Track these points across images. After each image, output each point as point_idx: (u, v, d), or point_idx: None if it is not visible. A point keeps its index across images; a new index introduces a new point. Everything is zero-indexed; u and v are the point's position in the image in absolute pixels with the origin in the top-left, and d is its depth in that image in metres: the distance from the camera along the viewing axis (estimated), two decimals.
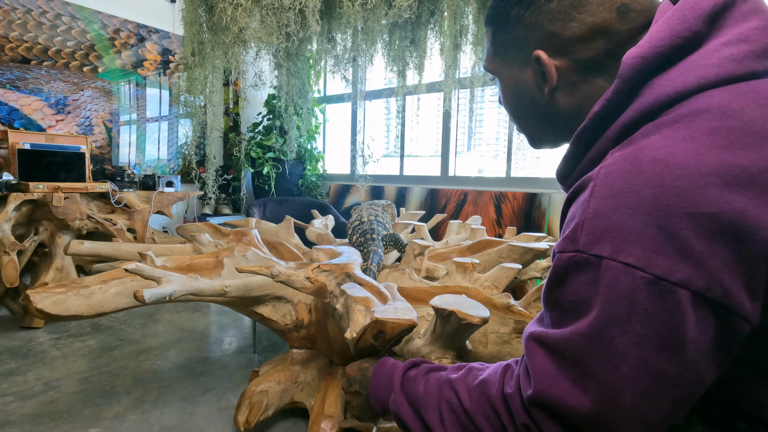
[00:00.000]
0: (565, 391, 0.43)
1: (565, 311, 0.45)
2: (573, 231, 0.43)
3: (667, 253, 0.38)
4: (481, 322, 0.81)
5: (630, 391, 0.40)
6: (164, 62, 3.00)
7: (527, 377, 0.47)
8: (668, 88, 0.43)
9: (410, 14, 1.65)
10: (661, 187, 0.39)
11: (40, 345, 1.81)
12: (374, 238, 1.48)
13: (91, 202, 2.20)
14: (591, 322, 0.41)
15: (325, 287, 1.00)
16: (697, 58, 0.44)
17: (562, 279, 0.44)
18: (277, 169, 3.08)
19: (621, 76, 0.45)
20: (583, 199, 0.44)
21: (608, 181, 0.42)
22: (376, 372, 0.69)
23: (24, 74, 2.36)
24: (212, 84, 2.07)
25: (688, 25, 0.44)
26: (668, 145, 0.41)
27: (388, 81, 2.32)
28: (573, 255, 0.43)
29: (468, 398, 0.53)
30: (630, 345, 0.39)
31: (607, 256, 0.40)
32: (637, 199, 0.39)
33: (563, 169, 0.56)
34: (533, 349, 0.47)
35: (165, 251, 1.45)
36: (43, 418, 1.27)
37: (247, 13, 1.67)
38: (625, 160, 0.42)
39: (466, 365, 0.60)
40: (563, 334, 0.44)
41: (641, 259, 0.38)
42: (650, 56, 0.44)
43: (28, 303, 0.96)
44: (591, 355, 0.41)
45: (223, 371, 1.59)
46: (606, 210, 0.41)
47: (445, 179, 2.81)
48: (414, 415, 0.60)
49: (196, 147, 2.68)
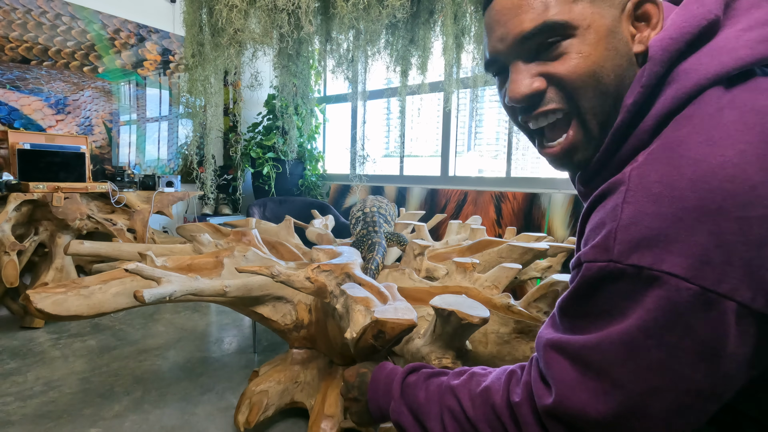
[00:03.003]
0: (587, 401, 0.40)
1: (590, 318, 0.42)
2: (604, 239, 0.40)
3: (715, 262, 0.35)
4: (481, 322, 0.81)
5: (659, 404, 0.38)
6: (164, 62, 3.00)
7: (544, 386, 0.45)
8: (705, 72, 0.41)
9: (403, 14, 1.65)
10: (708, 190, 0.35)
11: (40, 345, 1.81)
12: (377, 231, 1.48)
13: (91, 202, 2.20)
14: (625, 331, 0.38)
15: (325, 287, 1.00)
16: (722, 42, 0.42)
17: (593, 290, 0.41)
18: (277, 169, 3.08)
19: (653, 58, 0.42)
20: (614, 205, 0.41)
21: (644, 185, 0.39)
22: (374, 378, 0.67)
23: (24, 74, 2.36)
24: (212, 85, 2.07)
25: (708, 8, 0.43)
26: (705, 142, 0.38)
27: (388, 81, 2.32)
28: (605, 265, 0.39)
29: (471, 406, 0.51)
30: (665, 358, 0.37)
31: (647, 266, 0.37)
32: (680, 205, 0.36)
33: (590, 171, 0.50)
34: (552, 357, 0.44)
35: (165, 251, 1.45)
36: (43, 418, 1.27)
37: (242, 15, 1.67)
38: (659, 161, 0.39)
39: (467, 370, 0.58)
40: (588, 340, 0.41)
41: (687, 268, 0.35)
42: (678, 38, 0.42)
43: (28, 303, 0.96)
44: (620, 365, 0.39)
45: (223, 371, 1.59)
46: (644, 216, 0.38)
47: (445, 179, 2.81)
48: (415, 423, 0.58)
49: (196, 147, 2.69)
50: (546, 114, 0.49)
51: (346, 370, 0.75)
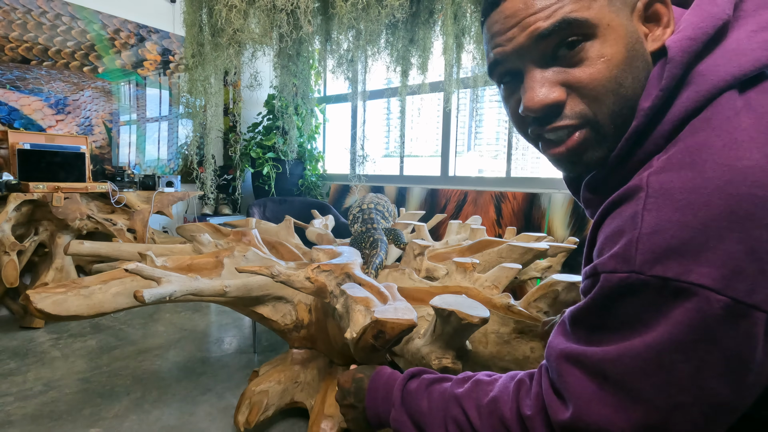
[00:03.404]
0: (607, 415, 0.39)
1: (610, 331, 0.40)
2: (625, 249, 0.38)
3: (747, 272, 0.33)
4: (481, 322, 0.81)
5: (683, 418, 0.37)
6: (164, 62, 3.00)
7: (558, 400, 0.43)
8: (724, 74, 0.40)
9: (402, 14, 1.65)
10: (736, 196, 0.34)
11: (40, 345, 1.81)
12: (376, 228, 1.48)
13: (91, 202, 2.20)
14: (649, 344, 0.37)
15: (325, 287, 1.00)
16: (734, 44, 0.41)
17: (613, 302, 0.39)
18: (277, 169, 3.08)
19: (672, 60, 0.41)
20: (632, 213, 0.39)
21: (665, 192, 0.37)
22: (372, 384, 0.64)
23: (24, 74, 2.36)
24: (212, 85, 2.07)
25: (722, 8, 0.42)
26: (728, 146, 0.36)
27: (388, 81, 2.32)
28: (627, 276, 0.38)
29: (477, 416, 0.49)
30: (693, 372, 0.36)
31: (674, 277, 0.35)
32: (707, 212, 0.35)
33: (598, 177, 0.48)
34: (567, 369, 0.42)
35: (165, 251, 1.45)
36: (43, 418, 1.27)
37: (242, 15, 1.68)
38: (680, 166, 0.38)
39: (471, 376, 0.55)
40: (607, 353, 0.39)
41: (717, 279, 0.34)
42: (697, 38, 0.41)
43: (28, 303, 0.96)
44: (643, 380, 0.37)
45: (223, 371, 1.59)
46: (667, 225, 0.36)
47: (445, 179, 2.81)
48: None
49: (197, 147, 2.69)
50: (566, 128, 0.46)
51: (340, 375, 0.72)
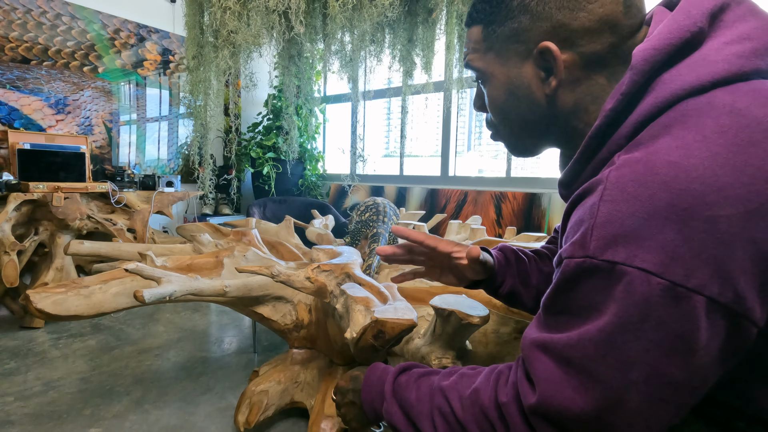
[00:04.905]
0: (569, 398, 0.42)
1: (571, 315, 0.44)
2: (582, 236, 0.42)
3: (684, 258, 0.37)
4: (481, 322, 0.81)
5: (637, 396, 0.39)
6: (164, 62, 3.00)
7: (529, 385, 0.46)
8: (681, 83, 0.43)
9: (394, 13, 1.66)
10: (678, 190, 0.38)
11: (40, 345, 1.81)
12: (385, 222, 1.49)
13: (91, 202, 2.20)
14: (602, 327, 0.40)
15: (325, 287, 1.00)
16: (703, 54, 0.44)
17: (572, 285, 0.43)
18: (277, 169, 3.08)
19: (634, 68, 0.45)
20: (591, 203, 0.43)
21: (620, 185, 0.41)
22: (367, 378, 0.67)
23: (24, 74, 2.36)
24: (213, 86, 2.07)
25: (694, 20, 0.44)
26: (680, 146, 0.40)
27: (388, 81, 2.32)
28: (582, 261, 0.41)
29: (460, 407, 0.52)
30: (641, 351, 0.39)
31: (621, 261, 0.39)
32: (652, 204, 0.38)
33: (570, 175, 0.53)
34: (536, 355, 0.45)
35: (165, 251, 1.45)
36: (43, 418, 1.27)
37: (236, 17, 1.68)
38: (637, 163, 0.41)
39: (457, 370, 0.59)
40: (570, 338, 0.43)
41: (657, 264, 0.37)
42: (662, 48, 0.44)
43: (28, 303, 0.96)
44: (600, 361, 0.40)
45: (223, 371, 1.59)
46: (618, 214, 0.40)
47: (445, 179, 2.81)
48: (407, 422, 0.59)
49: (198, 147, 2.70)
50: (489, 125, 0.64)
51: (339, 379, 0.74)
